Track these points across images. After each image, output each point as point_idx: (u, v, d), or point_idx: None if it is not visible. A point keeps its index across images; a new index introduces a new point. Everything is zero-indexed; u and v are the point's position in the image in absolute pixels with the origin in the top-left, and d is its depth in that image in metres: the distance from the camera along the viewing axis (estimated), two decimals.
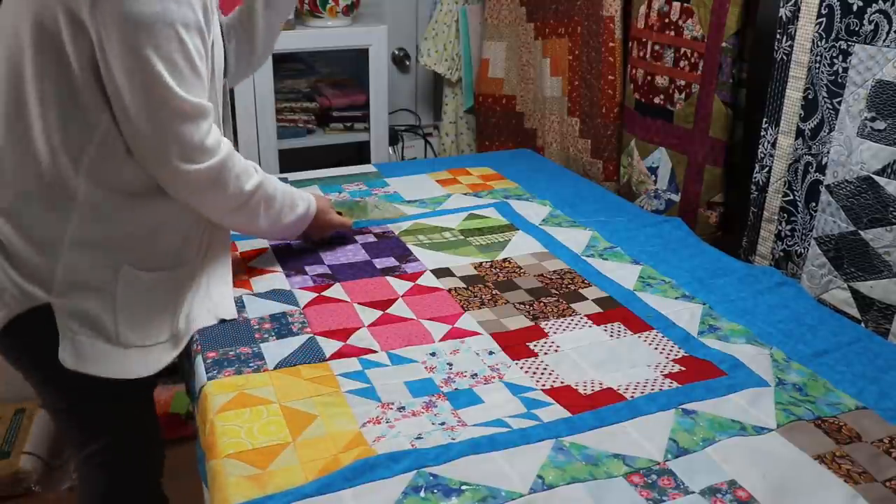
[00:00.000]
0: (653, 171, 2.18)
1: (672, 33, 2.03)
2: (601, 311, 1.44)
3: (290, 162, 2.64)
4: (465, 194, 2.02)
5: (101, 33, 1.14)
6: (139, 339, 1.32)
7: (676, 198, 2.11)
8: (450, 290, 1.50)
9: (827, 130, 1.53)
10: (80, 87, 1.18)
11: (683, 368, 1.26)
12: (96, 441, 1.42)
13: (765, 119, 1.71)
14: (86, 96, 1.19)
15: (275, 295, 1.45)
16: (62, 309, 1.25)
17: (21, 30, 1.17)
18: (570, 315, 1.42)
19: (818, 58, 1.54)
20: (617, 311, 1.44)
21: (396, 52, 3.10)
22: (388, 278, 1.54)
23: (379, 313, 1.41)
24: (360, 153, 2.88)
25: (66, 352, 1.25)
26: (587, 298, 1.48)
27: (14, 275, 1.24)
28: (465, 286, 1.52)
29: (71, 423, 1.43)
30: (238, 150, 1.37)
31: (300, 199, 1.52)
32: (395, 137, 2.99)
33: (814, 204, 1.57)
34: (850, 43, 1.45)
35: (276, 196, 1.44)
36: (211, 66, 1.30)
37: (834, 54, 1.49)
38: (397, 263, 1.61)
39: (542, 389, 1.21)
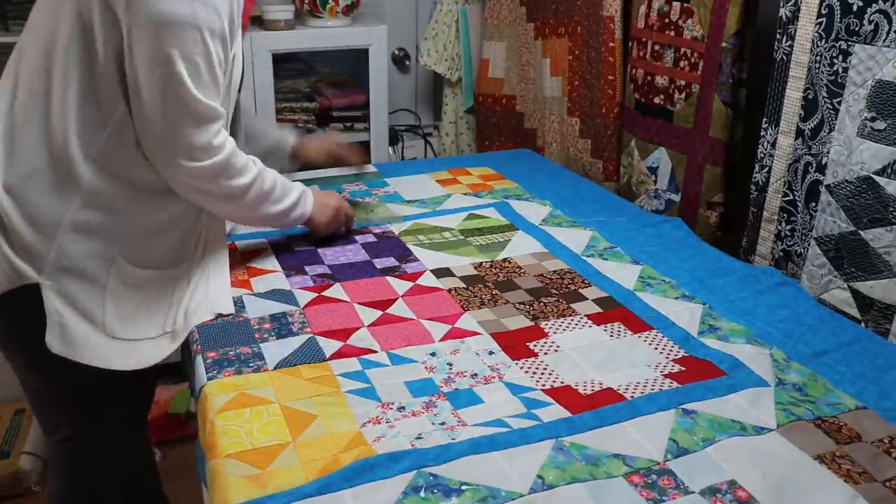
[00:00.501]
0: (653, 171, 2.18)
1: (672, 33, 2.03)
2: (601, 311, 1.44)
3: None
4: (465, 194, 2.02)
5: (132, 28, 1.19)
6: (126, 333, 1.33)
7: (676, 198, 2.11)
8: (450, 290, 1.50)
9: (827, 130, 1.53)
10: (102, 77, 1.24)
11: (683, 368, 1.26)
12: (69, 427, 1.43)
13: (765, 119, 1.71)
14: (106, 86, 1.24)
15: (275, 295, 1.45)
16: (51, 291, 1.27)
17: (61, 15, 1.23)
18: (570, 315, 1.42)
19: (818, 58, 1.54)
20: (617, 311, 1.44)
21: (396, 52, 3.10)
22: (388, 278, 1.54)
23: (379, 313, 1.41)
24: None
25: (52, 336, 1.27)
26: (587, 298, 1.48)
27: (8, 251, 1.26)
28: (465, 286, 1.52)
29: (47, 406, 1.43)
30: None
31: (295, 186, 1.54)
32: (395, 137, 2.99)
33: (814, 204, 1.57)
34: (850, 43, 1.45)
35: (275, 188, 1.47)
36: (229, 78, 1.35)
37: (834, 54, 1.49)
38: (397, 263, 1.61)
39: (542, 389, 1.21)
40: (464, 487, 1.00)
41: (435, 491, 0.99)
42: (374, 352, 1.29)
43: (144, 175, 1.31)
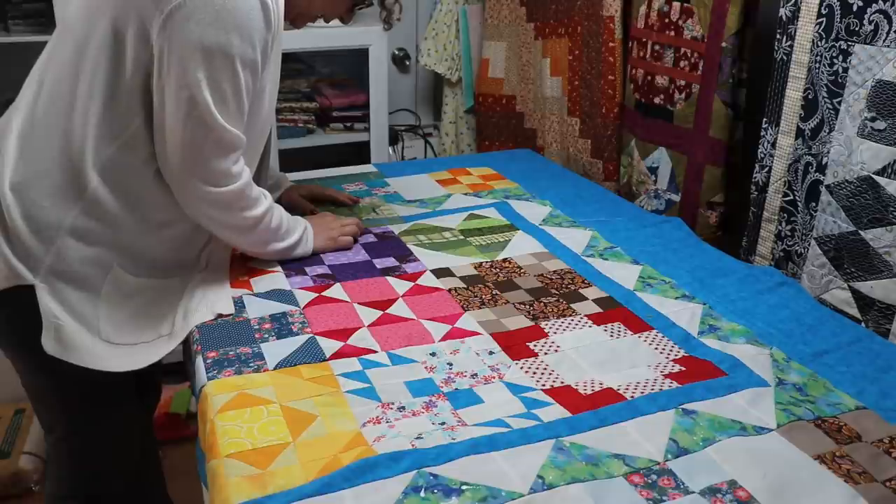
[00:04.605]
0: (653, 171, 2.18)
1: (672, 33, 2.03)
2: (601, 311, 1.44)
3: (290, 162, 2.64)
4: (465, 194, 2.02)
5: (164, 50, 1.21)
6: (121, 338, 1.33)
7: (676, 198, 2.11)
8: (450, 290, 1.50)
9: (827, 130, 1.53)
10: (125, 88, 1.25)
11: (683, 368, 1.26)
12: (66, 426, 1.43)
13: (765, 119, 1.71)
14: (127, 99, 1.26)
15: (275, 295, 1.45)
16: (46, 294, 1.27)
17: (97, 22, 1.24)
18: (571, 315, 1.42)
19: (818, 58, 1.54)
20: (617, 311, 1.44)
21: (396, 52, 3.10)
22: (388, 278, 1.54)
23: (379, 313, 1.41)
24: (360, 153, 2.88)
25: (47, 337, 1.27)
26: (587, 298, 1.48)
27: (6, 250, 1.27)
28: (465, 286, 1.52)
29: (44, 404, 1.44)
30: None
31: (298, 225, 1.57)
32: (395, 137, 2.99)
33: (814, 204, 1.57)
34: (850, 43, 1.45)
35: (281, 224, 1.50)
36: (260, 107, 1.37)
37: (834, 54, 1.49)
38: (397, 263, 1.60)
39: (543, 389, 1.21)
40: (464, 487, 1.00)
41: (435, 491, 0.99)
42: (374, 352, 1.29)
43: (146, 191, 1.33)
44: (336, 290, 1.48)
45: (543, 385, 1.22)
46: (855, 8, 1.43)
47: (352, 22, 1.76)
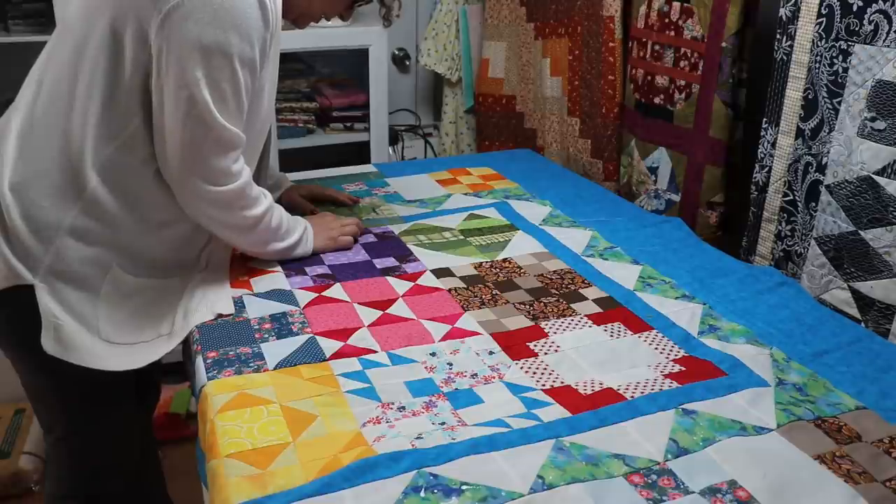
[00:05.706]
0: (653, 171, 2.18)
1: (672, 33, 2.03)
2: (601, 311, 1.44)
3: (290, 162, 2.64)
4: (466, 194, 2.02)
5: (163, 49, 1.21)
6: (121, 338, 1.33)
7: (676, 198, 2.11)
8: (450, 290, 1.50)
9: (827, 130, 1.53)
10: (124, 88, 1.25)
11: (683, 368, 1.26)
12: (65, 426, 1.43)
13: (765, 119, 1.71)
14: (126, 99, 1.26)
15: (275, 295, 1.45)
16: (45, 294, 1.27)
17: (96, 23, 1.24)
18: (571, 315, 1.42)
19: (818, 58, 1.54)
20: (617, 311, 1.44)
21: (396, 52, 3.10)
22: (388, 278, 1.54)
23: (379, 313, 1.41)
24: (360, 153, 2.88)
25: (47, 337, 1.27)
26: (587, 298, 1.48)
27: (6, 250, 1.27)
28: (465, 286, 1.52)
29: (44, 404, 1.44)
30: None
31: (298, 225, 1.57)
32: (395, 137, 2.99)
33: (814, 204, 1.57)
34: (850, 43, 1.45)
35: (281, 224, 1.50)
36: (259, 106, 1.37)
37: (834, 54, 1.49)
38: (397, 263, 1.61)
39: (543, 389, 1.21)
40: (464, 487, 1.00)
41: (435, 491, 0.99)
42: (374, 352, 1.29)
43: (148, 193, 1.33)
44: (336, 290, 1.48)
45: (543, 385, 1.22)
46: (855, 8, 1.43)
47: (352, 21, 1.76)
